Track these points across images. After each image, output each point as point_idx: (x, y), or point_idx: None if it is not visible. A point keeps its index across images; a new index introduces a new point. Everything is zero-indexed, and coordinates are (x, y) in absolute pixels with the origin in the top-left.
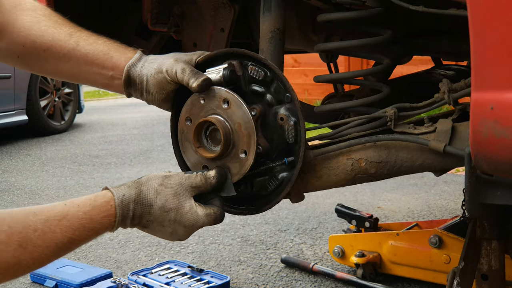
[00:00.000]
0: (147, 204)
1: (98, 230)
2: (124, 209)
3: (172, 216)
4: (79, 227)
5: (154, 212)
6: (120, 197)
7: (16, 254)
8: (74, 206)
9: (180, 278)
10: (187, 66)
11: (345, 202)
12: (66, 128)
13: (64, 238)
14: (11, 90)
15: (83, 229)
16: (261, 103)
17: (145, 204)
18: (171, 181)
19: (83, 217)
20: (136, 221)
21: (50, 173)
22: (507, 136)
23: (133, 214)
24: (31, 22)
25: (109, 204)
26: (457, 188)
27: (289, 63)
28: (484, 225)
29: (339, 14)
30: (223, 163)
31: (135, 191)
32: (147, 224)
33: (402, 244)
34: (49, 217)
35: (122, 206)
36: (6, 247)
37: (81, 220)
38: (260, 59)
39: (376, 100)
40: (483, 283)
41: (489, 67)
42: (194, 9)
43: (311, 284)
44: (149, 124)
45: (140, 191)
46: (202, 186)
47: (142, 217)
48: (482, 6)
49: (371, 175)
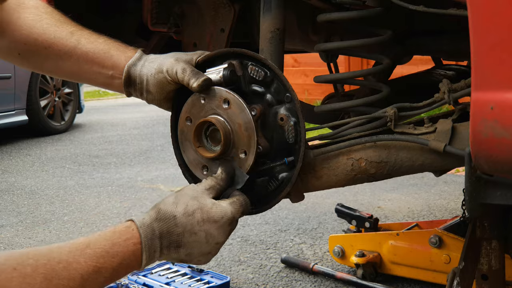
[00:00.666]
0: (170, 216)
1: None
2: (148, 229)
3: (199, 216)
4: (102, 254)
5: (180, 222)
6: (140, 220)
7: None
8: (96, 235)
9: (180, 278)
10: (188, 66)
11: (345, 202)
12: (66, 128)
13: (89, 267)
14: (11, 90)
15: (107, 255)
16: (261, 103)
17: (168, 218)
18: (185, 191)
19: (105, 244)
20: (165, 240)
21: (50, 173)
22: (507, 136)
23: (159, 233)
24: (34, 20)
25: (130, 228)
26: (457, 188)
27: (289, 63)
28: (484, 225)
29: (339, 14)
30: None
31: (154, 211)
32: (179, 240)
33: (402, 244)
34: (72, 248)
35: (145, 227)
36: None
37: (104, 246)
38: (260, 59)
39: (376, 100)
40: (483, 283)
41: (489, 67)
42: (194, 9)
43: (311, 284)
44: (149, 124)
45: (159, 209)
46: (216, 185)
47: (170, 233)
48: (482, 6)
49: (371, 175)
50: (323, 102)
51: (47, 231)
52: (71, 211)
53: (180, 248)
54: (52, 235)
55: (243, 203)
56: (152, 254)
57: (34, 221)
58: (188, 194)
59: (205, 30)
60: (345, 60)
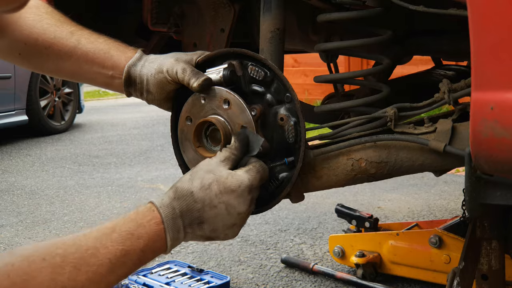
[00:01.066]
0: (187, 193)
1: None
2: (168, 209)
3: (215, 188)
4: (128, 237)
5: (198, 197)
6: (159, 201)
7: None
8: (121, 218)
9: (180, 278)
10: (188, 66)
11: (345, 202)
12: (66, 128)
13: (116, 251)
14: (11, 90)
15: (132, 237)
16: (261, 103)
17: (186, 195)
18: (200, 166)
19: (130, 226)
20: (187, 218)
21: (50, 173)
22: (507, 136)
23: (180, 212)
24: (34, 20)
25: (151, 209)
26: (457, 188)
27: (289, 63)
28: (484, 225)
29: (339, 14)
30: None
31: (172, 191)
32: (200, 216)
33: (402, 244)
34: (98, 234)
35: (164, 207)
36: (61, 269)
37: (129, 229)
38: (260, 59)
39: (376, 100)
40: (483, 283)
41: (489, 67)
42: (194, 9)
43: (311, 284)
44: (149, 124)
45: (176, 188)
46: (231, 155)
47: (190, 209)
48: (482, 6)
49: (371, 175)
50: (323, 102)
51: (47, 231)
52: (71, 211)
53: (203, 224)
54: (52, 235)
55: (260, 169)
56: (176, 234)
57: (34, 221)
58: (203, 168)
59: (205, 30)
60: (345, 60)
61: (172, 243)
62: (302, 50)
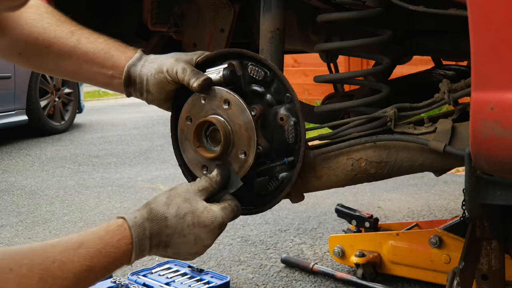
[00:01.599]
0: (161, 217)
1: (116, 256)
2: (139, 229)
3: (189, 219)
4: (96, 254)
5: (170, 223)
6: (132, 219)
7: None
8: (89, 234)
9: (180, 278)
10: (188, 66)
11: (345, 202)
12: (66, 128)
13: (82, 267)
14: (11, 90)
15: (100, 255)
16: (261, 103)
17: (159, 219)
18: (178, 191)
19: (98, 243)
20: (155, 240)
21: (50, 173)
22: (507, 136)
23: (150, 234)
24: (35, 19)
25: (123, 227)
26: (457, 188)
27: (289, 63)
28: (484, 225)
29: (339, 14)
30: (223, 163)
31: (146, 210)
32: (167, 241)
33: (402, 244)
34: (66, 247)
35: (136, 226)
36: (28, 280)
37: (97, 246)
38: (260, 59)
39: (376, 100)
40: (483, 283)
41: (489, 67)
42: (194, 9)
43: (311, 284)
44: (149, 124)
45: (151, 209)
46: (209, 186)
47: (160, 233)
48: (482, 6)
49: (371, 175)
50: (323, 102)
51: (47, 231)
52: (71, 211)
53: (168, 247)
54: (52, 235)
55: (235, 209)
56: (141, 253)
57: (34, 221)
58: (181, 195)
59: (205, 30)
60: (345, 60)
61: (134, 260)
62: (302, 50)
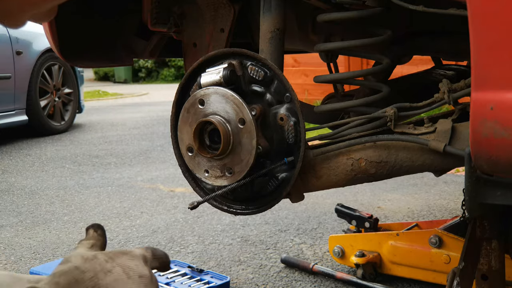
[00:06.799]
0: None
1: None
2: (50, 285)
3: (102, 256)
4: None
5: (85, 267)
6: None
7: None
8: None
9: (180, 278)
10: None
11: (345, 202)
12: (66, 128)
13: None
14: (11, 90)
15: None
16: (261, 103)
17: (70, 271)
18: None
19: None
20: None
21: (50, 173)
22: (507, 136)
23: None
24: None
25: None
26: (457, 188)
27: (289, 63)
28: (484, 225)
29: (339, 14)
30: (223, 163)
31: (50, 276)
32: (96, 284)
33: (402, 244)
34: None
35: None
36: None
37: None
38: (260, 59)
39: (376, 100)
40: (483, 283)
41: (489, 67)
42: (194, 9)
43: (311, 284)
44: (149, 124)
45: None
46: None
47: (82, 280)
48: (482, 6)
49: (371, 175)
50: (323, 102)
51: (47, 231)
52: (71, 211)
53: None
54: (52, 235)
55: None
56: None
57: (34, 221)
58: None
59: (205, 30)
60: (345, 60)
61: None
62: (302, 50)
